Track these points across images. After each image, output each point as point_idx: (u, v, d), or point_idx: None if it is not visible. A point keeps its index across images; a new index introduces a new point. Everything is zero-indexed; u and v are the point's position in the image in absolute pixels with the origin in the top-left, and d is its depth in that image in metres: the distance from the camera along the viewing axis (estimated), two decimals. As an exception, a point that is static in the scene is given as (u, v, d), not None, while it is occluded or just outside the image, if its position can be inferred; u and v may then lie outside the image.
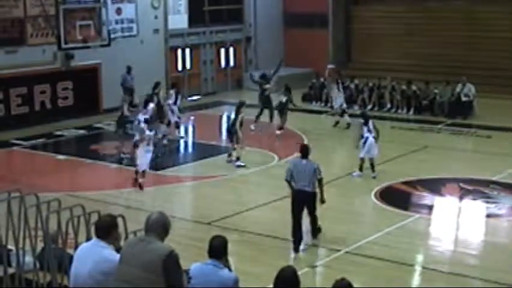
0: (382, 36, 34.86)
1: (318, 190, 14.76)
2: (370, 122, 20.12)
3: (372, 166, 19.78)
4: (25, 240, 9.23)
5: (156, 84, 24.96)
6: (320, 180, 14.72)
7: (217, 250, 7.76)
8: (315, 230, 15.21)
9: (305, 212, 14.90)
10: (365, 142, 19.75)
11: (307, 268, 13.78)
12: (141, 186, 19.02)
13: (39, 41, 27.85)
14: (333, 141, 25.23)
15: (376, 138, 19.92)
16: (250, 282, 10.99)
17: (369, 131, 19.90)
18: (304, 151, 15.08)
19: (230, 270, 7.81)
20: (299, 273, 7.24)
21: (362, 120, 20.22)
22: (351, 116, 26.56)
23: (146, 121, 21.88)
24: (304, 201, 14.69)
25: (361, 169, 19.88)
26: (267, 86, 26.83)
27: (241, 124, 21.50)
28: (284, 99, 25.72)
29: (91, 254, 7.23)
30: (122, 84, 28.43)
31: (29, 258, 9.37)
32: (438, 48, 33.01)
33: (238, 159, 21.43)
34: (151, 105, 22.13)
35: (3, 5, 26.76)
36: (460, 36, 33.09)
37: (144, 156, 18.93)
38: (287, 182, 14.90)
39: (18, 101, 27.36)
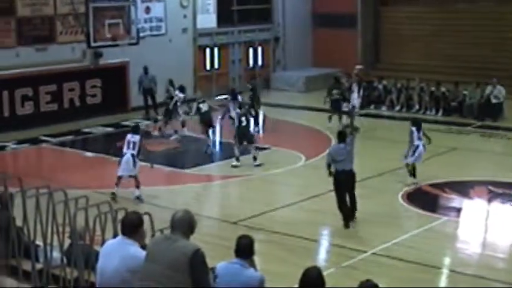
0: (410, 37, 34.68)
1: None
2: (421, 129, 19.60)
3: (414, 172, 19.48)
4: (53, 236, 9.27)
5: (172, 81, 25.53)
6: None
7: (244, 249, 7.74)
8: (355, 209, 16.22)
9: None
10: (415, 150, 19.19)
11: (333, 269, 13.75)
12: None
13: (68, 39, 28.04)
14: (361, 142, 25.09)
15: (424, 146, 19.53)
16: (276, 282, 10.96)
17: (419, 138, 19.34)
18: (341, 136, 16.39)
19: (256, 269, 7.80)
20: (324, 273, 7.22)
21: (414, 127, 19.53)
22: (378, 117, 26.41)
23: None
24: (346, 179, 16.04)
25: (411, 174, 19.34)
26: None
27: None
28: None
29: (117, 251, 7.23)
30: (139, 83, 28.66)
31: (56, 254, 9.40)
32: (467, 49, 32.80)
33: (255, 159, 21.51)
34: (240, 97, 22.89)
35: (34, 3, 26.97)
36: (489, 37, 32.80)
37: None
38: (327, 166, 16.25)
39: (47, 98, 27.57)
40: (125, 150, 18.23)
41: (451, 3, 34.38)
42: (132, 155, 18.10)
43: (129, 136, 18.44)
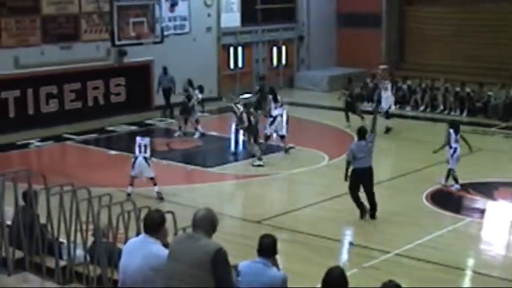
0: (435, 37, 34.45)
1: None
2: (459, 132, 19.30)
3: (448, 176, 19.20)
4: (76, 233, 9.31)
5: (191, 81, 25.48)
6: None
7: (267, 249, 7.73)
8: (375, 208, 16.52)
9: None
10: (454, 153, 18.92)
11: (356, 269, 13.70)
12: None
13: (93, 37, 28.16)
14: (385, 142, 25.02)
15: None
16: (299, 281, 10.94)
17: (457, 140, 19.03)
18: (361, 133, 16.63)
19: (278, 269, 7.78)
20: (347, 274, 7.18)
21: (451, 129, 19.21)
22: (402, 117, 26.27)
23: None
24: (364, 176, 16.33)
25: (456, 180, 19.01)
26: None
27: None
28: None
29: (140, 249, 7.24)
30: (158, 84, 28.64)
31: (79, 252, 9.44)
32: (492, 50, 32.50)
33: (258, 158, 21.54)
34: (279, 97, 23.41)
35: (59, 1, 27.10)
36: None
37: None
38: (347, 164, 16.45)
39: (71, 96, 27.70)
40: (136, 153, 18.33)
41: (475, 3, 34.12)
42: (145, 158, 18.24)
43: (138, 139, 18.49)
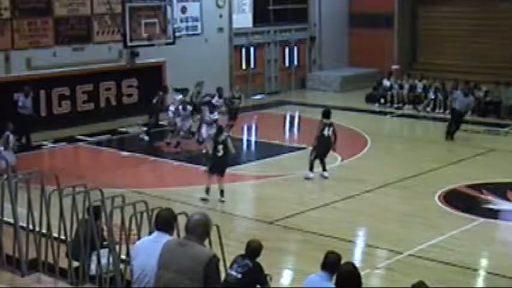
0: (447, 37, 34.33)
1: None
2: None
3: None
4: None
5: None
6: None
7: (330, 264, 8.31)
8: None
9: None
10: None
11: (369, 270, 13.66)
12: None
13: (105, 39, 28.19)
14: (397, 142, 24.99)
15: None
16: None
17: None
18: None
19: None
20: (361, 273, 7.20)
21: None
22: (416, 117, 26.10)
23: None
24: None
25: None
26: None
27: None
28: None
29: (156, 247, 7.11)
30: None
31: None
32: (506, 50, 32.39)
33: None
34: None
35: (70, 3, 27.15)
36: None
37: None
38: None
39: (84, 98, 27.71)
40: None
41: (489, 2, 33.98)
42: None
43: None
